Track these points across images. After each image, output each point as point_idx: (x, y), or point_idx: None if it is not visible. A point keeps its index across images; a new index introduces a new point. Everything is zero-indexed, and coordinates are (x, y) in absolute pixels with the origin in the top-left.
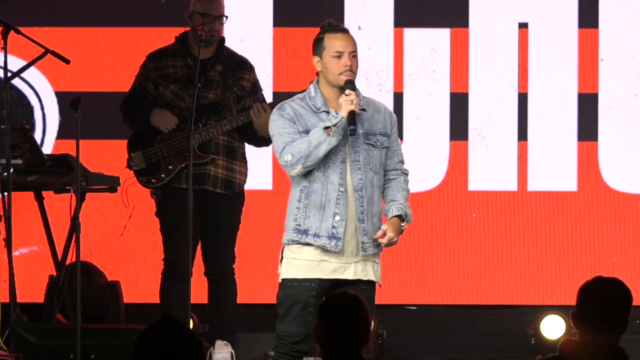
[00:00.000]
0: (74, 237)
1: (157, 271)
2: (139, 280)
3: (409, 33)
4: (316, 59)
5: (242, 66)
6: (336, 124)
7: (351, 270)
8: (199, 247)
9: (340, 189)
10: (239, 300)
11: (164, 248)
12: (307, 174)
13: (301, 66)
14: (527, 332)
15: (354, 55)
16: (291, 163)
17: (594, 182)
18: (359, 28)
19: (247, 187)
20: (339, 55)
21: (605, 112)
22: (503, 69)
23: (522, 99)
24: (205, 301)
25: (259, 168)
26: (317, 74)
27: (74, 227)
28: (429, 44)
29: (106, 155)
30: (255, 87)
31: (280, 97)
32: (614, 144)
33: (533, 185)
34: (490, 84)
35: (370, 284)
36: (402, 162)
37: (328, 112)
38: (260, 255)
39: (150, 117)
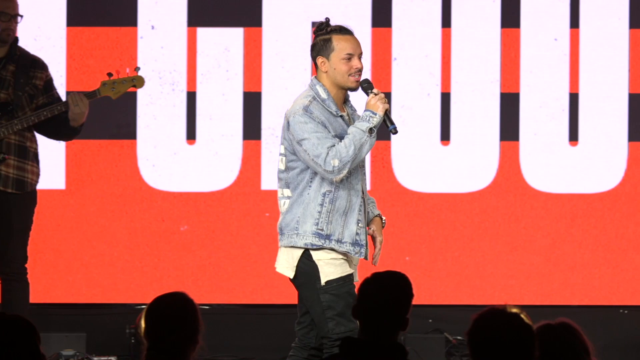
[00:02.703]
0: None
1: None
2: None
3: (202, 32)
4: (321, 59)
5: (35, 65)
6: (377, 124)
7: (357, 271)
8: None
9: (362, 196)
10: (32, 299)
11: None
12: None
13: (95, 65)
14: None
15: (360, 56)
16: (338, 168)
17: (387, 181)
18: (153, 27)
19: (39, 186)
20: (349, 58)
21: (398, 111)
22: (296, 67)
23: None
24: None
25: (51, 167)
26: (316, 75)
27: None
28: (222, 43)
29: None
30: (49, 85)
31: None
32: (406, 143)
33: None
34: (284, 83)
35: None
36: None
37: (342, 118)
38: (54, 254)
39: None
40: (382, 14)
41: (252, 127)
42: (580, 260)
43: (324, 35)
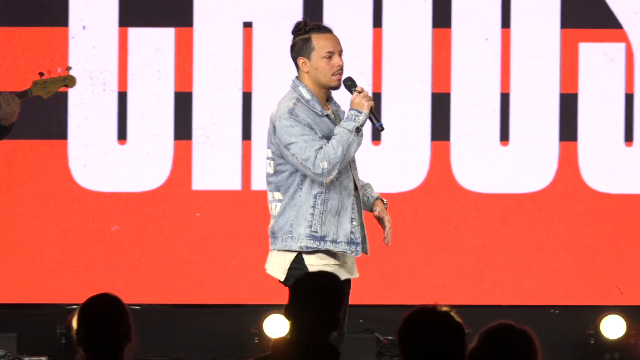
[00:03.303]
0: None
1: None
2: None
3: (134, 32)
4: (302, 60)
5: None
6: (363, 123)
7: (355, 269)
8: None
9: (354, 194)
10: None
11: None
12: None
13: (26, 65)
14: (250, 331)
15: (341, 53)
16: (328, 170)
17: None
18: (84, 27)
19: None
20: (330, 56)
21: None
22: (227, 68)
23: (247, 98)
24: None
25: None
26: (297, 76)
27: None
28: (154, 43)
29: None
30: None
31: None
32: None
33: (257, 185)
34: (215, 83)
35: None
36: None
37: (328, 116)
38: None
39: None
40: (313, 14)
41: (183, 127)
42: (511, 260)
43: (303, 34)
